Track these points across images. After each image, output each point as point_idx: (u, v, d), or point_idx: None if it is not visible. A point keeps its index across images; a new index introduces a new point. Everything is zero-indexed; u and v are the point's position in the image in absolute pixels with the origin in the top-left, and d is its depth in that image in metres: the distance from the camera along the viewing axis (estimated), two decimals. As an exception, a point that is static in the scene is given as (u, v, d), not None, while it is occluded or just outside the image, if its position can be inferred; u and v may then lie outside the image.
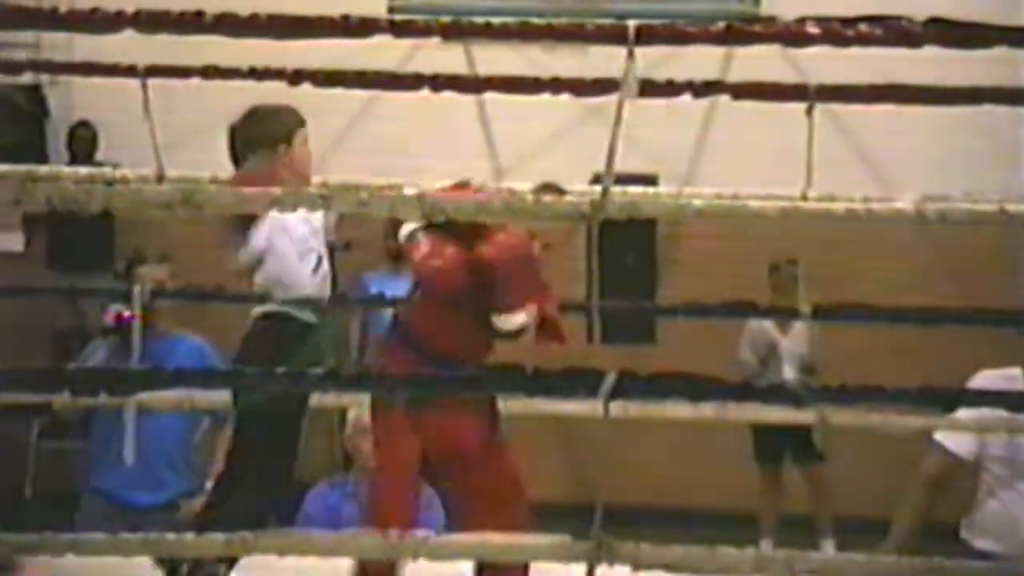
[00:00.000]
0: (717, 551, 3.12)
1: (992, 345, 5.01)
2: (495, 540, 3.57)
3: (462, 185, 4.90)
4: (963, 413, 4.80)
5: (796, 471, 9.48)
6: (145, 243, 7.50)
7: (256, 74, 5.44)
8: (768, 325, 9.36)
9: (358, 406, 5.76)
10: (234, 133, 4.71)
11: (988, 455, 4.94)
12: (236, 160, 4.71)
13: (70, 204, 3.36)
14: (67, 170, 6.58)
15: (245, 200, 3.49)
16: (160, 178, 5.43)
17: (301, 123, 4.75)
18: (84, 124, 10.53)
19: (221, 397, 5.43)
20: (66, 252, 10.42)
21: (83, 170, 6.32)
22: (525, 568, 4.57)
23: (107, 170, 6.87)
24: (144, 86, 5.39)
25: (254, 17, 3.38)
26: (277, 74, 5.44)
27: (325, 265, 4.71)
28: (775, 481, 9.55)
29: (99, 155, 10.31)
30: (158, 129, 5.39)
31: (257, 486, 4.49)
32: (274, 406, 4.34)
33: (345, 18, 3.47)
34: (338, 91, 5.85)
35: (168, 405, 5.62)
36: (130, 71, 5.41)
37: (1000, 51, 3.23)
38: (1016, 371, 4.91)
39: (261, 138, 4.64)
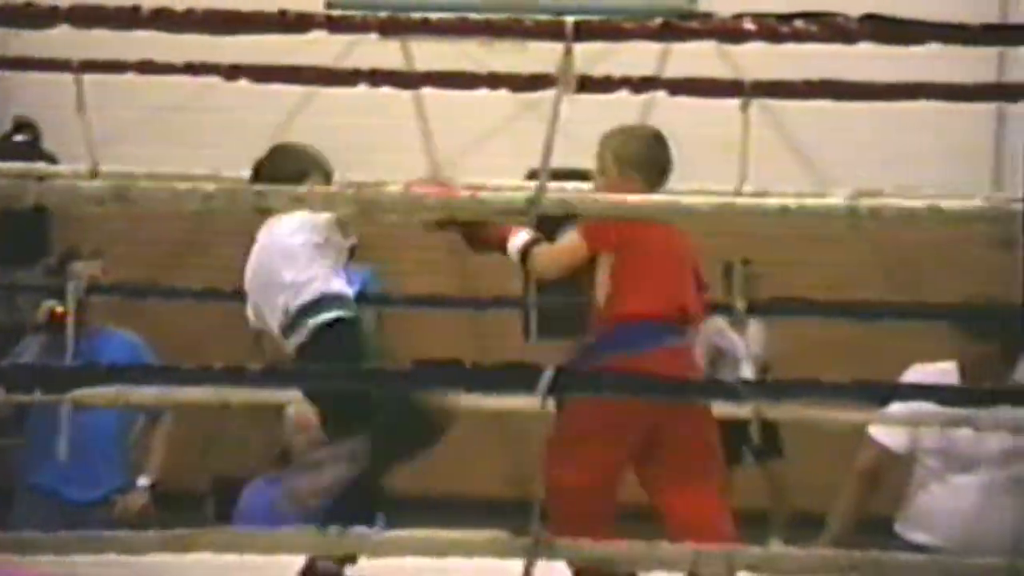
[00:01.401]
0: (656, 546, 3.13)
1: (926, 340, 5.06)
2: (436, 536, 3.57)
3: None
4: (897, 407, 4.84)
5: (754, 467, 9.52)
6: (80, 239, 7.45)
7: (192, 69, 5.41)
8: (723, 325, 9.40)
9: (296, 402, 5.75)
10: (256, 170, 4.64)
11: (921, 448, 4.98)
12: None
13: (2, 199, 3.33)
14: (0, 165, 6.51)
15: (178, 197, 3.47)
16: (94, 174, 5.39)
17: (317, 166, 4.60)
18: (26, 123, 10.43)
19: (153, 393, 5.42)
20: (0, 247, 10.33)
21: (16, 165, 6.26)
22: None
23: (41, 165, 6.82)
24: (78, 81, 5.35)
25: (190, 12, 3.36)
26: (213, 69, 5.41)
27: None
28: (728, 476, 9.58)
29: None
30: (93, 124, 5.35)
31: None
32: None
33: (282, 13, 3.45)
34: (275, 87, 5.82)
35: (102, 401, 5.58)
36: (65, 66, 5.37)
37: (935, 47, 3.26)
38: (949, 365, 4.96)
39: (271, 178, 4.49)
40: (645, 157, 4.82)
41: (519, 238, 4.59)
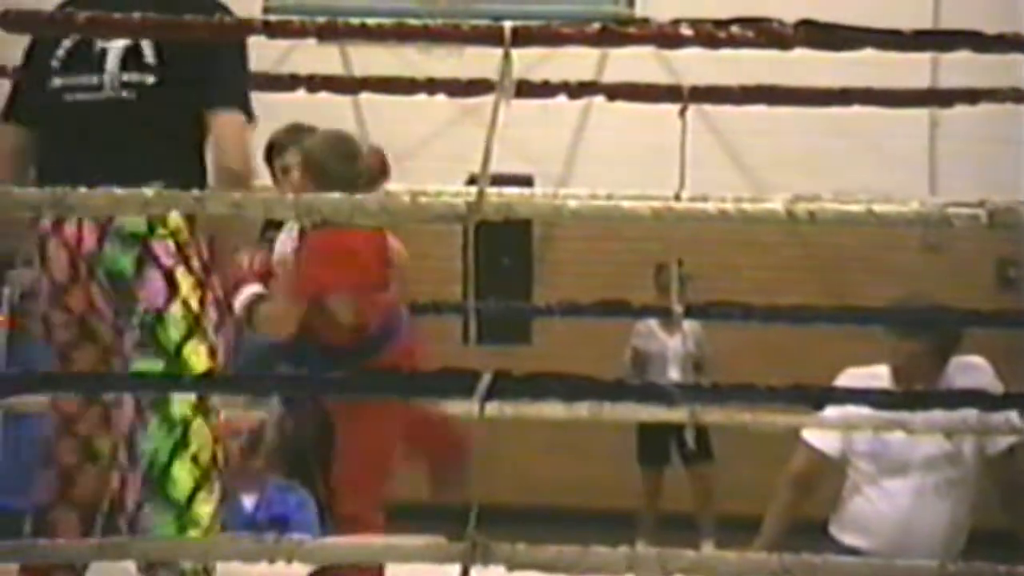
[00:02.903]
0: (591, 551, 3.14)
1: (858, 343, 5.10)
2: (368, 543, 3.57)
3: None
4: (830, 411, 4.88)
5: (682, 470, 9.56)
6: (16, 246, 7.39)
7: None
8: (654, 327, 9.44)
9: (230, 408, 5.74)
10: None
11: (854, 451, 5.02)
12: None
13: (-63, 204, 3.30)
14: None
15: (116, 202, 3.45)
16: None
17: None
18: None
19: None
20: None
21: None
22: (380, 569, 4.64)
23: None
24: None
25: (127, 19, 3.34)
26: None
27: None
28: (658, 481, 9.63)
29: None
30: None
31: None
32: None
33: (220, 19, 3.44)
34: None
35: (37, 408, 5.54)
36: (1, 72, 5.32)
37: (870, 53, 3.29)
38: (881, 368, 5.00)
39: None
40: (321, 166, 4.95)
41: (244, 294, 4.69)
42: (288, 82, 5.53)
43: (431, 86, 5.49)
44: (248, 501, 5.85)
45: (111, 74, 3.91)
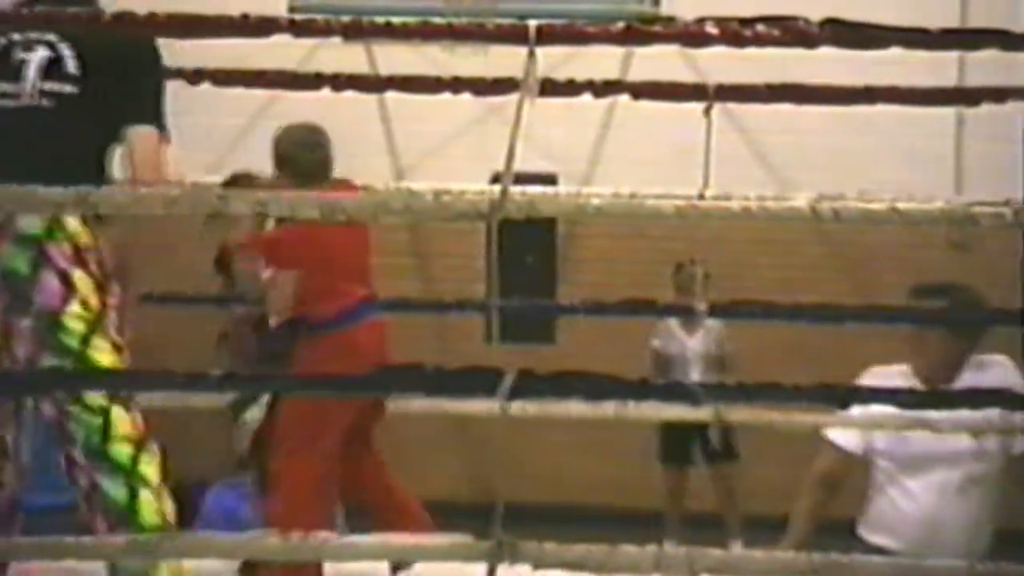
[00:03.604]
0: (618, 550, 3.14)
1: (883, 341, 5.08)
2: (396, 541, 3.57)
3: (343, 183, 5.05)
4: (855, 410, 4.86)
5: (706, 470, 9.53)
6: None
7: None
8: (673, 327, 9.42)
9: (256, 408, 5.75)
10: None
11: (873, 449, 5.00)
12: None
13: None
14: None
15: (139, 201, 3.46)
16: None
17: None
18: None
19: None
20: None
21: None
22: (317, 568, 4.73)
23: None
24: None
25: (152, 16, 3.35)
26: (177, 73, 5.40)
27: None
28: (681, 480, 9.59)
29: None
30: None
31: None
32: None
33: (245, 17, 3.45)
34: (238, 91, 5.82)
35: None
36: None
37: (896, 51, 3.28)
38: (906, 367, 4.98)
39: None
40: (291, 156, 5.01)
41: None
42: (313, 81, 5.54)
43: (456, 85, 5.50)
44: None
45: (30, 82, 3.98)
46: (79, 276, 3.94)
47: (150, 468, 4.00)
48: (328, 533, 3.91)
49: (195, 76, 5.41)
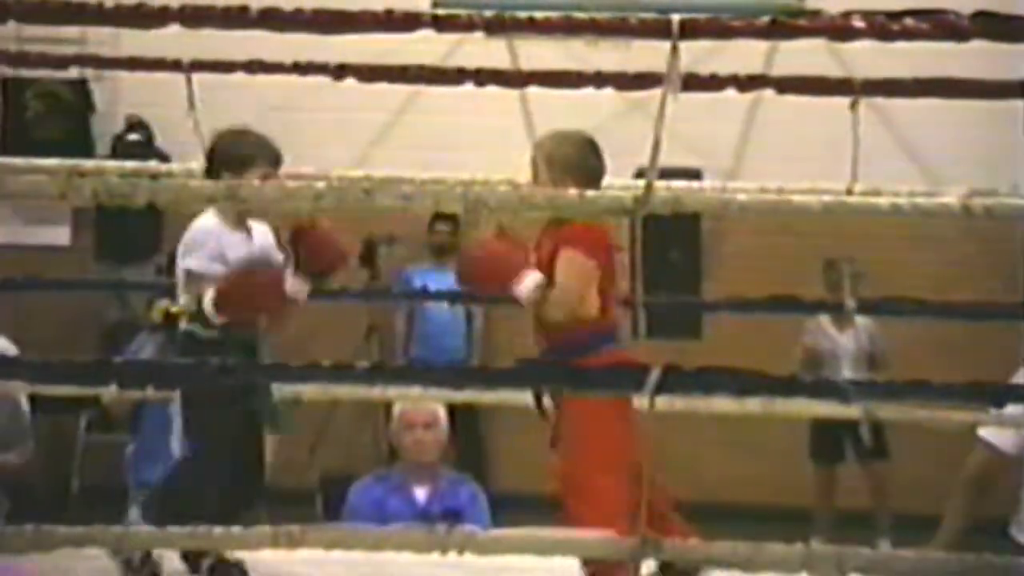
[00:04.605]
0: (764, 548, 3.11)
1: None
2: (543, 536, 3.56)
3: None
4: (1009, 409, 4.78)
5: (857, 468, 9.43)
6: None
7: (300, 69, 5.45)
8: (825, 324, 9.34)
9: (403, 400, 5.78)
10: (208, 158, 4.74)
11: (1025, 449, 4.92)
12: None
13: (115, 198, 3.37)
14: (112, 164, 6.60)
15: (287, 195, 3.50)
16: (206, 172, 5.45)
17: (262, 152, 4.62)
18: (139, 122, 10.55)
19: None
20: (114, 246, 10.49)
21: (128, 164, 6.34)
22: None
23: (153, 164, 6.91)
24: (188, 80, 5.40)
25: (298, 12, 3.38)
26: (320, 69, 5.45)
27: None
28: (831, 478, 9.51)
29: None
30: (203, 123, 5.41)
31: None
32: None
33: (388, 12, 3.46)
34: (381, 86, 5.85)
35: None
36: (175, 65, 5.42)
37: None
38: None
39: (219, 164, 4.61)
40: (577, 161, 4.73)
41: (530, 280, 4.50)
42: (455, 76, 5.56)
43: (598, 79, 5.48)
44: (421, 493, 5.88)
45: None
46: None
47: None
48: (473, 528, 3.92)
49: (339, 72, 5.45)
